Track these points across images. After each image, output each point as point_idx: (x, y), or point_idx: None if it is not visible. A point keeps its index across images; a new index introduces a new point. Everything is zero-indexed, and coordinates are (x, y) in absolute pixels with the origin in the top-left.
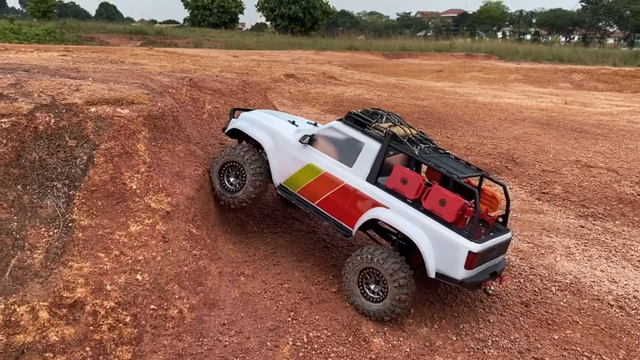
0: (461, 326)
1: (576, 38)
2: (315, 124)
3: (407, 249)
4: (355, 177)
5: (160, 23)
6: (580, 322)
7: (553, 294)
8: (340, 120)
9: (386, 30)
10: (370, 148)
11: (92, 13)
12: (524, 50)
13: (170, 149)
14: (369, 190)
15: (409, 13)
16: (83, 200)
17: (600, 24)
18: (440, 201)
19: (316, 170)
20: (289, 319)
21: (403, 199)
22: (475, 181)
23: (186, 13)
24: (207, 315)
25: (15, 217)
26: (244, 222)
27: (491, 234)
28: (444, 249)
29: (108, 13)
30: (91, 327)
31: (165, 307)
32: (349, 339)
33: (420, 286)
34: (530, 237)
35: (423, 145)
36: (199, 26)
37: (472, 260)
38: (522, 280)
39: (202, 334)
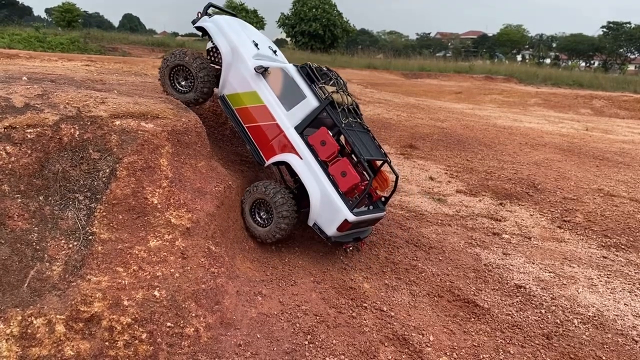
0: (481, 357)
1: (596, 64)
2: (275, 52)
3: (303, 192)
4: (287, 120)
5: (182, 36)
6: (604, 358)
7: (575, 326)
8: (295, 66)
9: (405, 50)
10: (309, 103)
11: (116, 24)
12: (544, 74)
13: (192, 164)
14: (292, 137)
15: (429, 33)
16: (104, 214)
17: (622, 50)
18: (342, 172)
19: (258, 100)
20: (306, 343)
21: (316, 156)
22: (379, 162)
23: None
24: (223, 335)
25: (36, 228)
26: None
27: (371, 207)
28: (327, 209)
29: (131, 24)
30: (107, 343)
31: (181, 325)
32: None
33: (440, 314)
34: (552, 266)
35: (351, 119)
36: None
37: (345, 226)
38: (543, 311)
39: (218, 355)
